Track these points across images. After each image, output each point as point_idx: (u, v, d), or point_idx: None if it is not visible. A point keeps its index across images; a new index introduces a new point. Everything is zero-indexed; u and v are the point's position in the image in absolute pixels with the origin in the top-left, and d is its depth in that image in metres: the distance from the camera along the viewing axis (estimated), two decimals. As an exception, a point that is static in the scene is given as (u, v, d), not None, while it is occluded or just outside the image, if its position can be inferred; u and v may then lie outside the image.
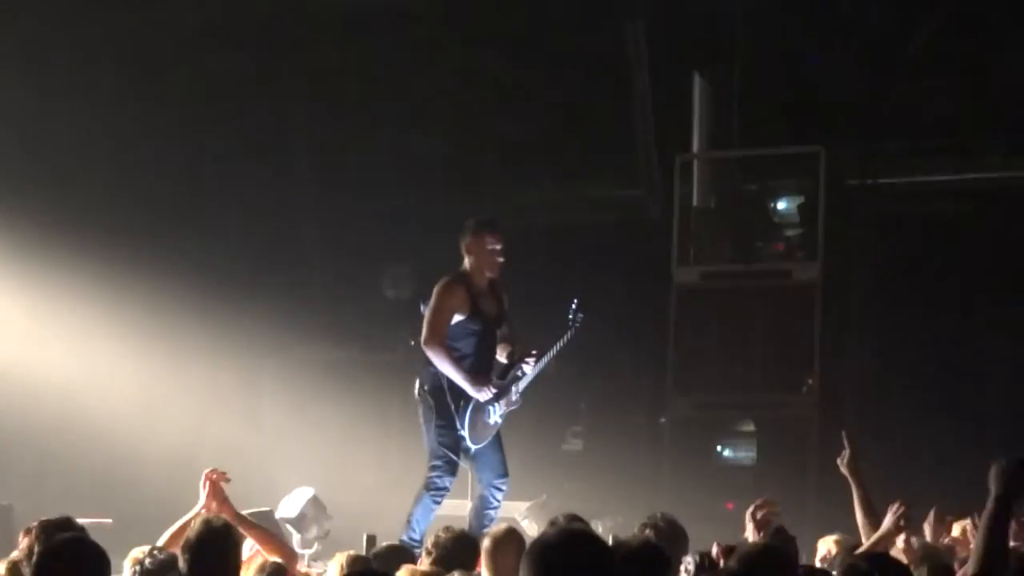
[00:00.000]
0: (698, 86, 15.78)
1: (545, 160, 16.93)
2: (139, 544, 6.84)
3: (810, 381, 14.53)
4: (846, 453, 8.24)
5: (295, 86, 17.24)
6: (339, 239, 17.41)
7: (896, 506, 7.72)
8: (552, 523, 7.13)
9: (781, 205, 15.10)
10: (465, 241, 10.27)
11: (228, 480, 7.51)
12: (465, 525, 9.46)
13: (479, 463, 10.25)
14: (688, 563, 6.37)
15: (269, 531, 7.62)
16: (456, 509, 10.48)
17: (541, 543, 3.84)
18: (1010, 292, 14.79)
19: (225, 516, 7.29)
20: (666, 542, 6.57)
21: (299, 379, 15.97)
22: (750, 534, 7.60)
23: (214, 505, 7.42)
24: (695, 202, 15.39)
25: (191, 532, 6.26)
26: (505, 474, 10.30)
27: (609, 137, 16.50)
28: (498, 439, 10.33)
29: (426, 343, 10.12)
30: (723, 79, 15.76)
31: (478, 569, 6.93)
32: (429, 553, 7.12)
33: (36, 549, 6.10)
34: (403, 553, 7.71)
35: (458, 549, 7.12)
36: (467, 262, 10.26)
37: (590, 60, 16.08)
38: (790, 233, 15.08)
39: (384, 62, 16.35)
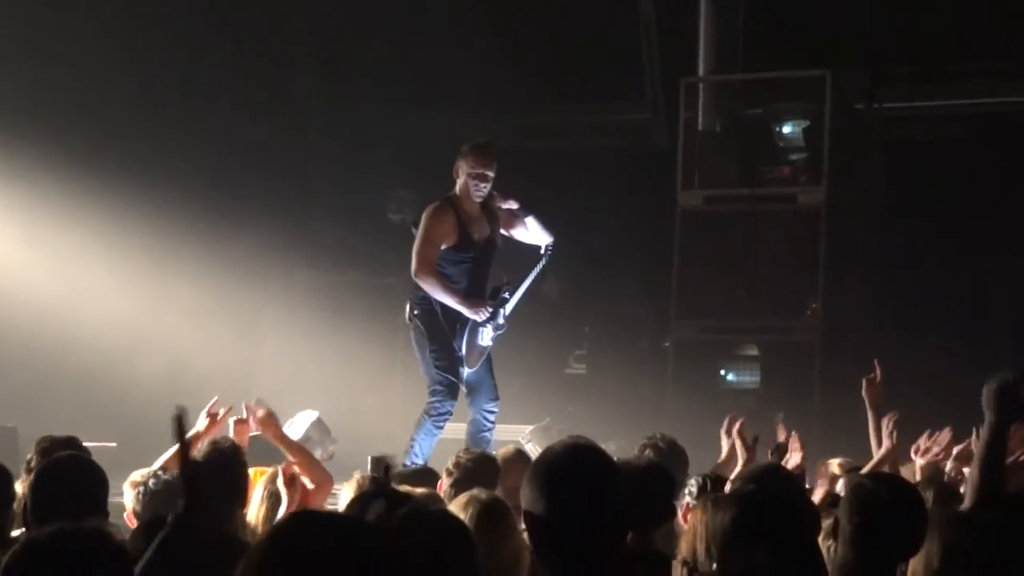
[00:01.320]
0: (704, 8, 15.67)
1: (549, 82, 16.85)
2: (138, 467, 6.81)
3: (814, 305, 14.53)
4: (877, 381, 8.18)
5: (301, 6, 17.16)
6: (345, 161, 17.37)
7: (886, 420, 7.73)
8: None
9: (786, 129, 15.02)
10: (455, 164, 10.18)
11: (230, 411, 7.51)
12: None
13: (471, 387, 10.23)
14: (691, 485, 6.38)
15: (311, 454, 7.53)
16: (458, 432, 10.48)
17: (547, 457, 3.83)
18: (1017, 218, 14.74)
19: (270, 434, 7.26)
20: (666, 463, 6.59)
21: (303, 302, 15.96)
22: (740, 453, 7.59)
23: (252, 424, 7.41)
24: (700, 126, 15.30)
25: (199, 454, 6.22)
26: (497, 397, 10.29)
27: (614, 59, 16.42)
28: (488, 362, 10.31)
29: (416, 274, 10.05)
30: (729, 0, 15.65)
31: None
32: (450, 473, 7.08)
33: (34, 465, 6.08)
34: (429, 475, 7.69)
35: (480, 469, 7.08)
36: (457, 186, 10.18)
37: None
38: (795, 157, 15.00)
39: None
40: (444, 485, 6.87)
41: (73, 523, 3.68)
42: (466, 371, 10.13)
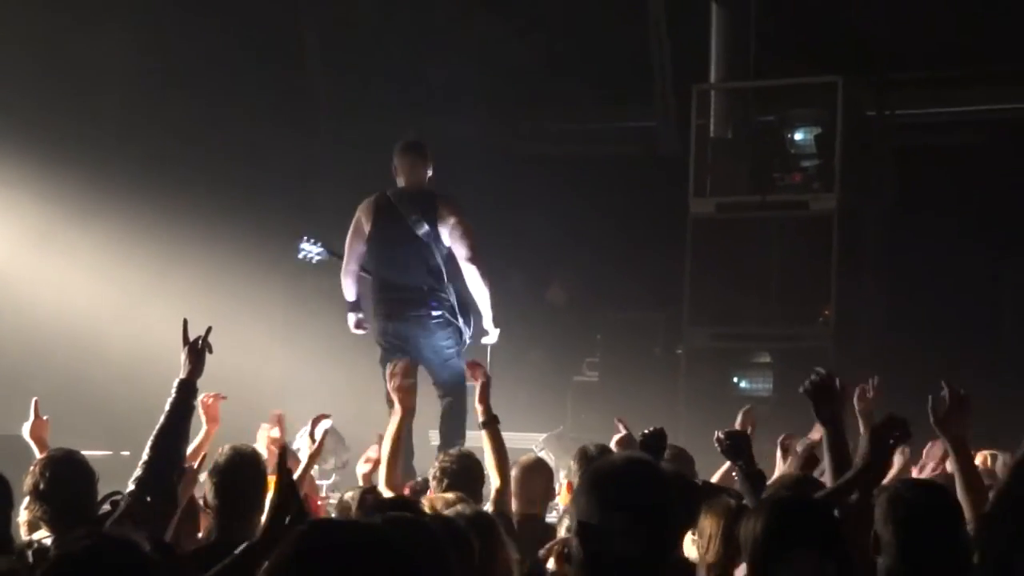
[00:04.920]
0: (715, 14, 15.63)
1: (560, 90, 16.79)
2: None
3: (826, 312, 14.49)
4: (870, 395, 8.17)
5: (311, 11, 17.14)
6: (356, 166, 17.30)
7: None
8: (584, 453, 7.08)
9: (798, 136, 14.99)
10: (428, 163, 10.37)
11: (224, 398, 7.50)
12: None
13: None
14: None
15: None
16: (474, 440, 10.42)
17: (604, 468, 3.82)
18: (1029, 225, 14.71)
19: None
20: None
21: (315, 308, 15.88)
22: (779, 460, 7.60)
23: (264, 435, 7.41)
24: (711, 133, 15.27)
25: (220, 458, 6.25)
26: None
27: (625, 67, 16.37)
28: None
29: (477, 261, 10.13)
30: (740, 7, 15.61)
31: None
32: (440, 480, 7.04)
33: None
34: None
35: (464, 466, 7.04)
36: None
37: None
38: (807, 164, 14.97)
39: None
40: (434, 492, 6.83)
41: (103, 534, 3.65)
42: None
